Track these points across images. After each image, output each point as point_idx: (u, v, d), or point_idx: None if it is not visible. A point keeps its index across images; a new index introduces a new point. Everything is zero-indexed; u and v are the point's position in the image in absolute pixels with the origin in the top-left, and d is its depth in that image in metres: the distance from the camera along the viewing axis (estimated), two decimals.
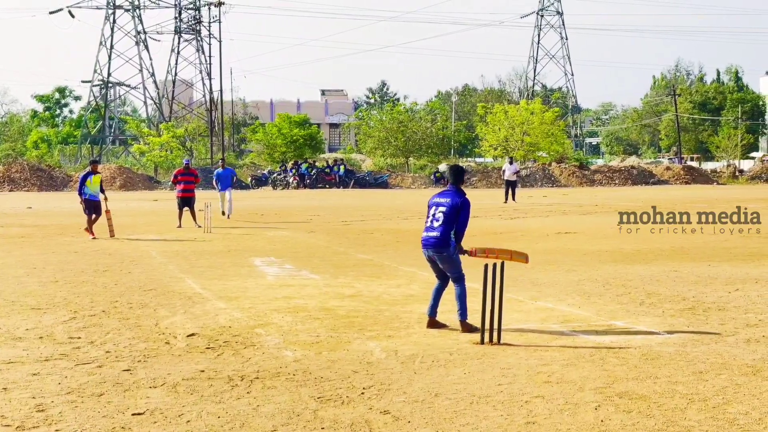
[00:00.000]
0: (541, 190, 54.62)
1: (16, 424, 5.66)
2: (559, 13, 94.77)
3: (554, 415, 5.91)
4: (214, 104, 72.48)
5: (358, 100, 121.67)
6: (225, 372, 7.06)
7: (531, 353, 7.75)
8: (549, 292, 11.43)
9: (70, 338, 8.43)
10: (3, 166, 58.71)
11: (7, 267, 14.15)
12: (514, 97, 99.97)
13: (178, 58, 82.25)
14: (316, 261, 15.03)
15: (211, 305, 10.40)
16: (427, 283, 12.26)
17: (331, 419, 5.82)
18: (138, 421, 5.75)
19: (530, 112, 66.84)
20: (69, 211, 31.32)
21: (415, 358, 7.58)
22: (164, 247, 17.72)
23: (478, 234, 20.26)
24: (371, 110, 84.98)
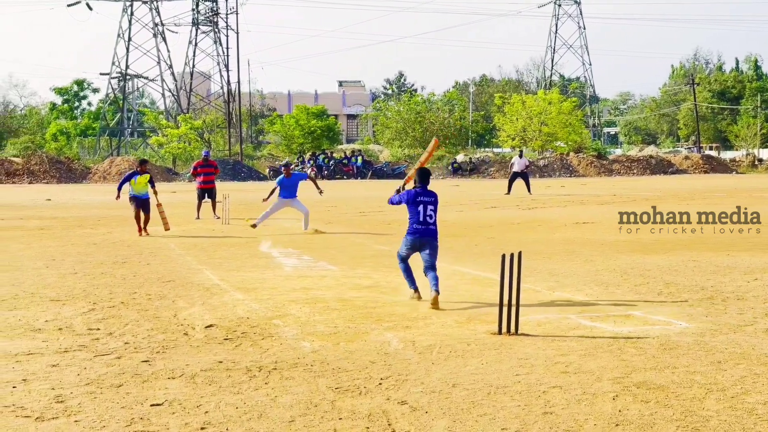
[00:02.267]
0: (559, 180, 54.48)
1: (35, 415, 5.70)
2: (576, 2, 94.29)
3: (572, 405, 5.90)
4: (232, 96, 72.60)
5: (376, 91, 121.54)
6: (243, 363, 7.08)
7: (548, 343, 7.74)
8: (567, 282, 11.40)
9: (89, 330, 8.48)
10: (22, 158, 59.01)
11: (26, 259, 14.24)
12: (532, 87, 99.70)
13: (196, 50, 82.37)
14: (333, 252, 15.04)
15: (229, 296, 10.44)
16: (444, 274, 12.26)
17: (348, 410, 5.83)
18: (156, 412, 5.77)
19: (548, 102, 66.69)
20: (88, 203, 31.48)
21: (433, 348, 7.58)
22: (182, 238, 17.78)
23: (495, 224, 20.25)
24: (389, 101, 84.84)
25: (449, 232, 18.58)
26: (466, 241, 16.70)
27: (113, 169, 57.59)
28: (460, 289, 10.87)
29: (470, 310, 9.44)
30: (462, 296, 10.35)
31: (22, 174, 56.05)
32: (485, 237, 17.49)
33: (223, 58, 78.50)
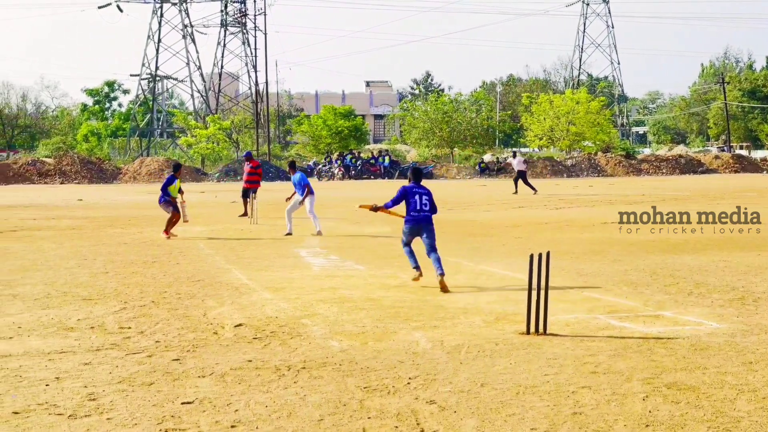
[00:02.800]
0: (587, 179, 54.24)
1: (68, 413, 5.76)
2: (605, 1, 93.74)
3: (601, 405, 5.89)
4: (260, 96, 72.84)
5: (403, 91, 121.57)
6: (272, 362, 7.13)
7: (577, 343, 7.72)
8: (595, 282, 11.36)
9: (121, 328, 8.56)
10: (54, 158, 59.52)
11: (58, 258, 14.37)
12: (560, 86, 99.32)
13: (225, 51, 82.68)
14: (361, 252, 15.07)
15: (257, 296, 10.49)
16: (472, 274, 12.26)
17: (377, 409, 5.85)
18: (187, 410, 5.82)
19: (576, 102, 66.39)
20: (118, 203, 31.71)
21: (461, 348, 7.58)
22: (211, 238, 17.88)
23: (523, 224, 20.21)
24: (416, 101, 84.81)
25: (477, 232, 18.58)
26: (494, 241, 16.68)
27: (143, 169, 57.96)
28: (488, 289, 10.86)
29: (498, 309, 9.43)
30: (490, 296, 10.34)
31: (54, 174, 56.53)
32: (513, 237, 17.46)
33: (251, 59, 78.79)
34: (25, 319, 9.00)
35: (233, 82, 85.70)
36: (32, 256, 14.67)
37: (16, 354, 7.43)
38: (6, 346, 7.75)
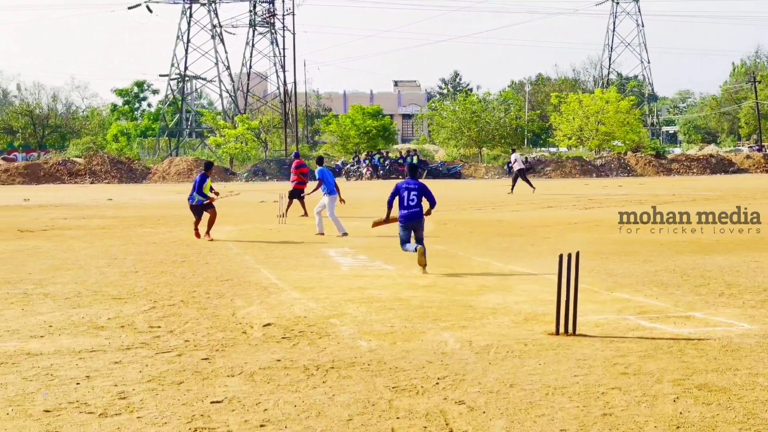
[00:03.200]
0: (617, 179, 53.96)
1: (99, 411, 5.80)
2: (635, 0, 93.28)
3: (631, 407, 5.85)
4: (288, 96, 73.05)
5: (431, 91, 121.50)
6: (301, 361, 7.14)
7: (607, 344, 7.68)
8: (625, 283, 11.29)
9: (150, 327, 8.61)
10: (84, 158, 60.07)
11: (89, 258, 14.48)
12: (589, 86, 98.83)
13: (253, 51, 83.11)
14: (389, 252, 15.06)
15: (286, 295, 10.51)
16: (502, 274, 12.23)
17: (406, 409, 5.84)
18: (216, 409, 5.84)
19: (605, 101, 66.11)
20: (148, 202, 31.91)
21: (490, 348, 7.56)
22: (240, 238, 17.95)
23: (552, 224, 20.13)
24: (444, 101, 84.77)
25: (505, 232, 18.53)
26: (523, 241, 16.62)
27: (172, 169, 58.33)
28: (517, 289, 10.82)
29: (527, 310, 9.40)
30: (519, 296, 10.31)
31: (84, 174, 57.01)
32: (542, 237, 17.39)
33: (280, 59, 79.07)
34: (56, 318, 9.08)
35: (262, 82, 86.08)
36: (63, 256, 14.80)
37: (48, 353, 7.49)
38: (37, 344, 7.82)
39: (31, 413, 5.76)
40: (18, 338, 8.10)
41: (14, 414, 5.75)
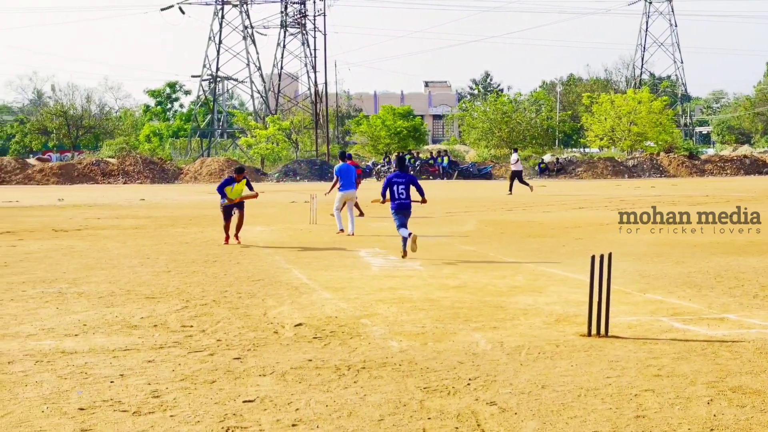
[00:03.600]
0: (649, 180, 53.62)
1: (132, 410, 5.85)
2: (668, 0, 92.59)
3: (665, 409, 5.81)
4: (319, 97, 73.23)
5: (462, 92, 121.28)
6: (332, 361, 7.15)
7: (640, 346, 7.63)
8: (658, 284, 11.22)
9: (183, 326, 8.66)
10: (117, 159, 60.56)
11: (122, 257, 14.60)
12: (621, 86, 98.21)
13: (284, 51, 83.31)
14: (420, 252, 15.05)
15: (317, 295, 10.54)
16: (532, 275, 12.19)
17: (437, 409, 5.84)
18: (249, 408, 5.87)
19: (637, 102, 65.71)
20: (180, 203, 32.10)
21: (521, 349, 7.54)
22: (271, 238, 18.02)
23: (583, 225, 20.05)
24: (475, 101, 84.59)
25: (536, 233, 18.46)
26: (554, 242, 16.56)
27: (204, 169, 58.65)
28: (549, 290, 10.79)
29: (559, 311, 9.36)
30: (550, 297, 10.27)
31: (117, 174, 57.48)
32: (573, 238, 17.32)
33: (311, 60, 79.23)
34: (90, 317, 9.16)
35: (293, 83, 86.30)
36: (97, 255, 14.92)
37: (82, 351, 7.55)
38: (72, 343, 7.90)
39: (66, 411, 5.82)
40: (53, 337, 8.18)
41: (49, 411, 5.81)
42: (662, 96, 77.40)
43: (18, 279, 12.01)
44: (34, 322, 8.87)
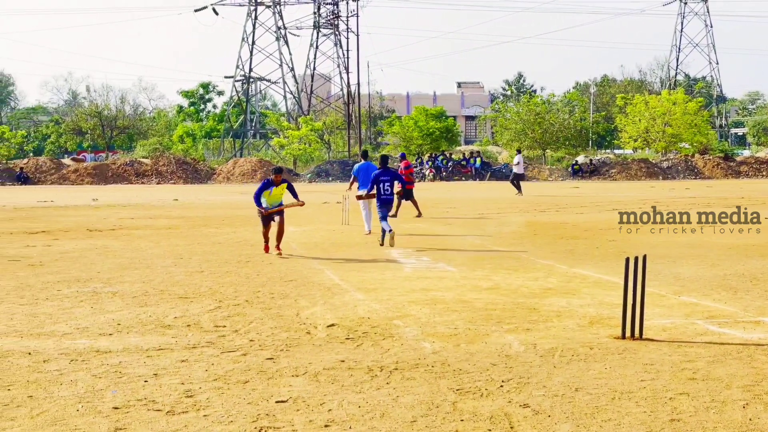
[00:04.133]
0: (684, 182, 53.19)
1: (166, 409, 5.88)
2: (703, 0, 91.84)
3: (700, 412, 5.75)
4: (352, 98, 73.35)
5: (495, 92, 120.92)
6: (364, 362, 7.15)
7: (675, 349, 7.57)
8: (693, 287, 11.12)
9: (216, 326, 8.70)
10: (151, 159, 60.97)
11: (156, 257, 14.69)
12: (656, 87, 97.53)
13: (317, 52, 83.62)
14: (452, 253, 15.03)
15: (349, 296, 10.54)
16: (565, 277, 12.12)
17: (470, 411, 5.82)
18: (281, 409, 5.88)
19: (672, 103, 65.24)
20: (213, 203, 32.27)
21: (555, 351, 7.50)
22: (303, 238, 18.05)
23: (616, 227, 19.90)
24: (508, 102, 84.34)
25: (570, 235, 18.37)
26: (588, 244, 16.46)
27: (236, 169, 58.93)
28: (582, 292, 10.72)
29: (592, 313, 9.30)
30: (583, 299, 10.21)
31: (150, 174, 57.89)
32: (607, 240, 17.21)
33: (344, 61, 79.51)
34: (125, 317, 9.22)
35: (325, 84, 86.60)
36: (130, 255, 15.03)
37: (116, 350, 7.61)
38: (106, 342, 7.95)
39: (101, 410, 5.86)
40: (88, 336, 8.25)
41: (84, 410, 5.85)
42: (697, 97, 76.80)
43: (53, 278, 12.12)
44: (69, 321, 8.95)
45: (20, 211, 27.68)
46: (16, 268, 13.21)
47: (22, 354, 7.47)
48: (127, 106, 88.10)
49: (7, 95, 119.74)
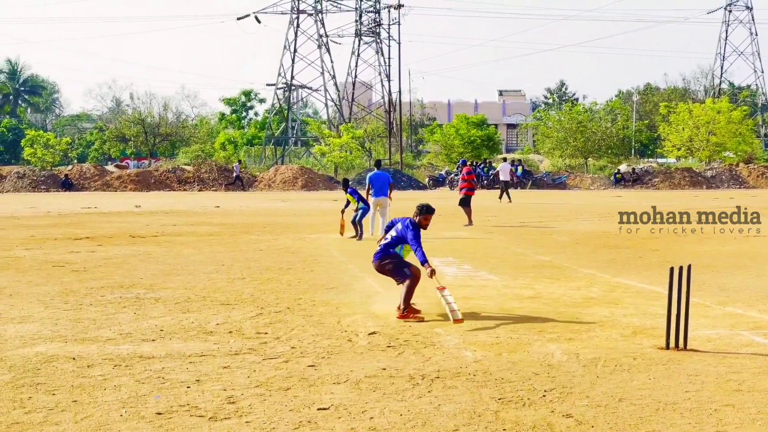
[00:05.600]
0: (728, 191, 52.57)
1: (209, 415, 5.91)
2: (748, 8, 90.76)
3: (746, 424, 5.68)
4: (393, 105, 73.37)
5: (536, 101, 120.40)
6: (406, 370, 7.14)
7: (719, 360, 7.47)
8: (738, 298, 10.98)
9: (258, 333, 8.73)
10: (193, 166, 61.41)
11: (198, 264, 14.78)
12: (699, 95, 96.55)
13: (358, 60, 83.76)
14: (494, 262, 14.98)
15: (391, 304, 10.51)
16: (608, 286, 12.02)
17: (512, 421, 5.79)
18: (323, 416, 5.89)
19: (716, 111, 64.49)
20: (254, 210, 32.42)
21: (597, 361, 7.44)
22: (344, 246, 18.08)
23: (659, 236, 19.71)
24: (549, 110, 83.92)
25: (612, 244, 18.22)
26: (630, 253, 16.32)
27: (278, 177, 59.14)
28: (625, 302, 10.62)
29: (636, 323, 9.21)
30: (626, 309, 10.11)
31: (192, 182, 58.28)
32: (649, 249, 17.05)
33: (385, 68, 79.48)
34: (167, 322, 9.29)
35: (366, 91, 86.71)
36: (173, 261, 15.13)
37: (159, 356, 7.66)
38: (149, 348, 8.01)
39: (144, 415, 5.90)
40: (131, 341, 8.31)
41: (127, 415, 5.90)
42: (742, 106, 75.90)
43: (97, 284, 12.24)
44: (112, 327, 9.03)
45: (65, 217, 28.01)
46: (60, 274, 13.36)
47: (67, 359, 7.55)
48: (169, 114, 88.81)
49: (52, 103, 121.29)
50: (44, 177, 58.37)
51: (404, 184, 57.53)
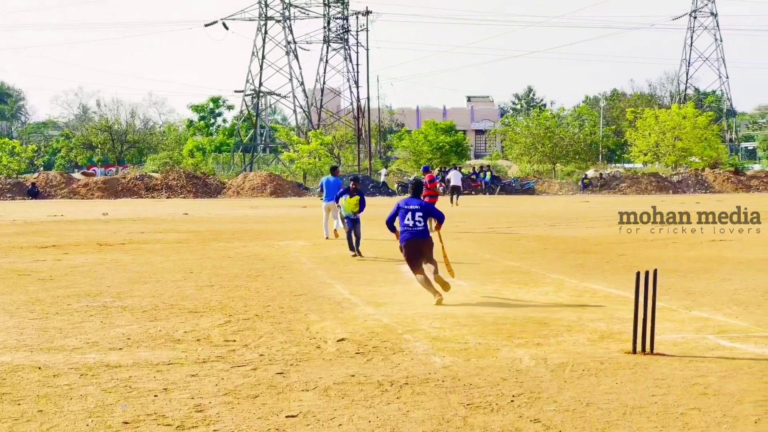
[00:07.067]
0: (694, 196, 53.04)
1: (176, 424, 5.87)
2: (713, 14, 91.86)
3: (711, 428, 5.73)
4: (361, 112, 73.44)
5: (504, 106, 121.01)
6: (375, 377, 7.14)
7: (686, 364, 7.54)
8: (703, 302, 11.08)
9: (226, 341, 8.69)
10: (161, 173, 61.06)
11: (165, 271, 14.70)
12: (665, 101, 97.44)
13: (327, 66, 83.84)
14: (462, 267, 14.98)
15: (359, 310, 10.53)
16: (575, 291, 12.09)
17: (480, 426, 5.80)
18: (292, 424, 5.87)
19: (682, 117, 65.16)
20: (222, 217, 32.29)
21: (565, 366, 7.48)
22: (313, 253, 18.06)
23: (627, 241, 19.84)
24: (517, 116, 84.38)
25: (580, 249, 18.33)
26: (598, 258, 16.43)
27: (246, 184, 58.93)
28: (592, 307, 10.69)
29: (603, 328, 9.27)
30: (594, 314, 10.18)
31: (160, 188, 57.94)
32: (617, 254, 17.16)
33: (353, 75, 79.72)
34: (134, 331, 9.23)
35: (335, 98, 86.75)
36: (140, 269, 15.04)
37: (126, 365, 7.61)
38: (116, 357, 7.96)
39: (111, 424, 5.86)
40: (98, 350, 8.25)
41: (94, 425, 5.85)
42: (707, 111, 76.69)
43: (63, 292, 12.14)
44: (78, 336, 8.96)
45: (31, 225, 27.75)
46: (26, 282, 13.24)
47: (33, 368, 7.48)
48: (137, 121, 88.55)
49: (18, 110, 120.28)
50: (10, 185, 57.75)
51: (373, 190, 57.52)
